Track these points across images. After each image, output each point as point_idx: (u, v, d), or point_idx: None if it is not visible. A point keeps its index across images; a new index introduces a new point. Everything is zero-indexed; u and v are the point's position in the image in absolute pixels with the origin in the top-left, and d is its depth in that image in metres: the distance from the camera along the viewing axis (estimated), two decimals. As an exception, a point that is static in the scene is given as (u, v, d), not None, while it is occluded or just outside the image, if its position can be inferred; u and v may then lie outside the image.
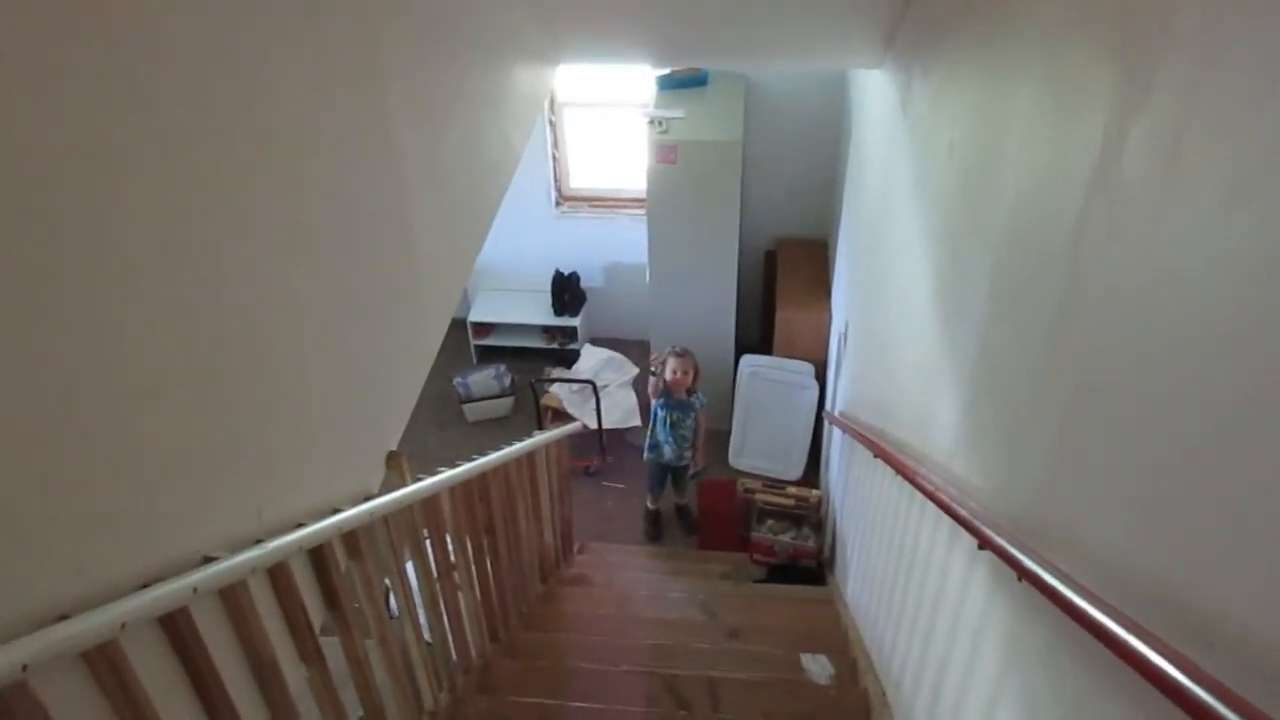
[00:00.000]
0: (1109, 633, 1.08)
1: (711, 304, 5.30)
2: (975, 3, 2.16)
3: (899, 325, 2.93)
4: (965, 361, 2.06)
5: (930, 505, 2.16)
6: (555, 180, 5.94)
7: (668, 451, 4.65)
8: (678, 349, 4.48)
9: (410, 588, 2.23)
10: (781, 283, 5.33)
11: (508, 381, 5.85)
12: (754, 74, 5.29)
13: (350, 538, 1.84)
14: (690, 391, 4.50)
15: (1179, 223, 1.10)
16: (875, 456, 2.92)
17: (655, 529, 5.04)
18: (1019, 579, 1.47)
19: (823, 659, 3.22)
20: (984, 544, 1.66)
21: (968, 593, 1.95)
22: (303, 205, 1.54)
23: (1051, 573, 1.32)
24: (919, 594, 2.40)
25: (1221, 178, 1.01)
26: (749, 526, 4.64)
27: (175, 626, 1.22)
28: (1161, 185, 1.15)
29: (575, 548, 4.53)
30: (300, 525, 1.58)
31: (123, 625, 1.07)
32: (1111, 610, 1.11)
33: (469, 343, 6.16)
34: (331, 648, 1.78)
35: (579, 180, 6.03)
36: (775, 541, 4.49)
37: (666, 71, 5.19)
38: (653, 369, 4.57)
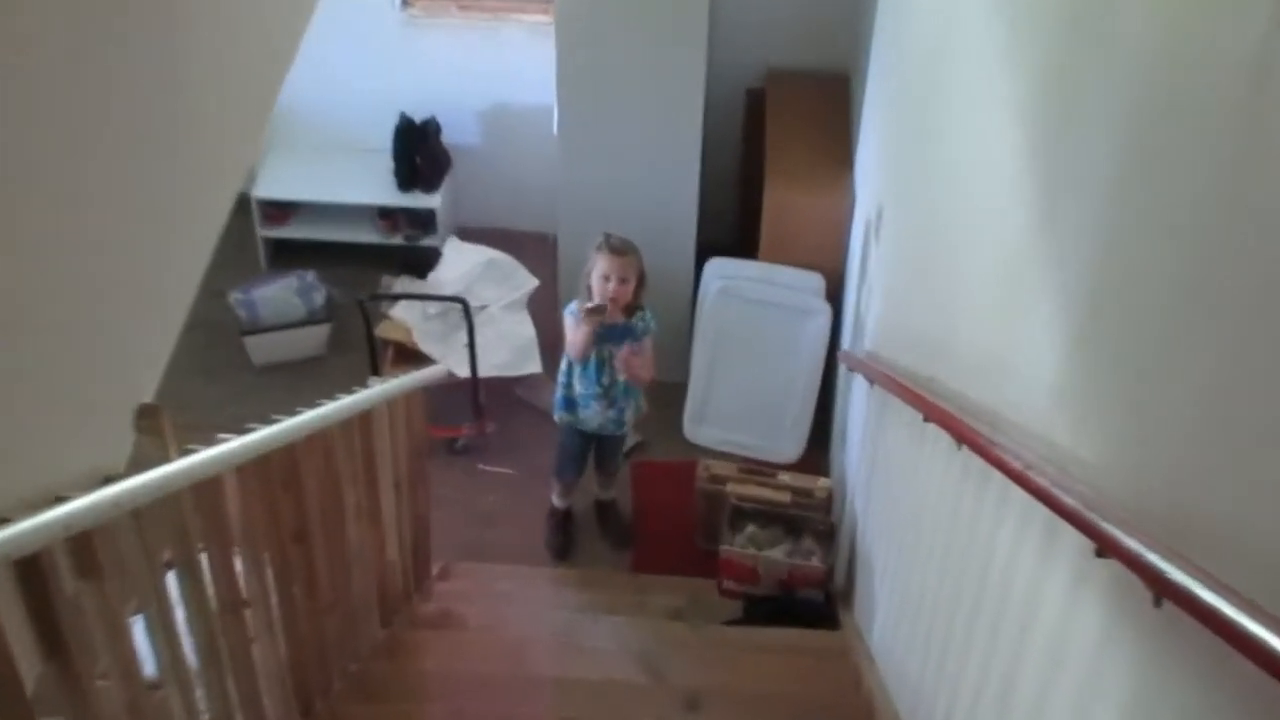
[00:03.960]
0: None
1: (660, 176, 5.34)
2: None
3: (968, 214, 2.99)
4: (1077, 271, 2.11)
5: (1016, 493, 2.23)
6: (401, -35, 5.89)
7: (591, 413, 4.65)
8: (613, 240, 4.34)
9: (177, 627, 2.24)
10: (773, 143, 5.36)
11: (320, 300, 5.82)
12: None
13: (82, 543, 1.84)
14: (631, 311, 4.45)
15: None
16: (926, 419, 2.99)
17: (565, 538, 5.10)
18: (1157, 602, 1.54)
19: (835, 742, 3.33)
20: (1104, 549, 1.73)
21: (1072, 626, 2.03)
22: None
23: (1214, 590, 1.38)
24: (993, 632, 2.49)
25: None
26: (716, 536, 4.72)
27: None
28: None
29: (435, 570, 4.57)
30: (3, 521, 1.57)
31: None
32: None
33: (255, 235, 6.10)
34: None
35: (440, -34, 5.98)
36: (759, 559, 4.58)
37: None
38: (587, 304, 4.34)
